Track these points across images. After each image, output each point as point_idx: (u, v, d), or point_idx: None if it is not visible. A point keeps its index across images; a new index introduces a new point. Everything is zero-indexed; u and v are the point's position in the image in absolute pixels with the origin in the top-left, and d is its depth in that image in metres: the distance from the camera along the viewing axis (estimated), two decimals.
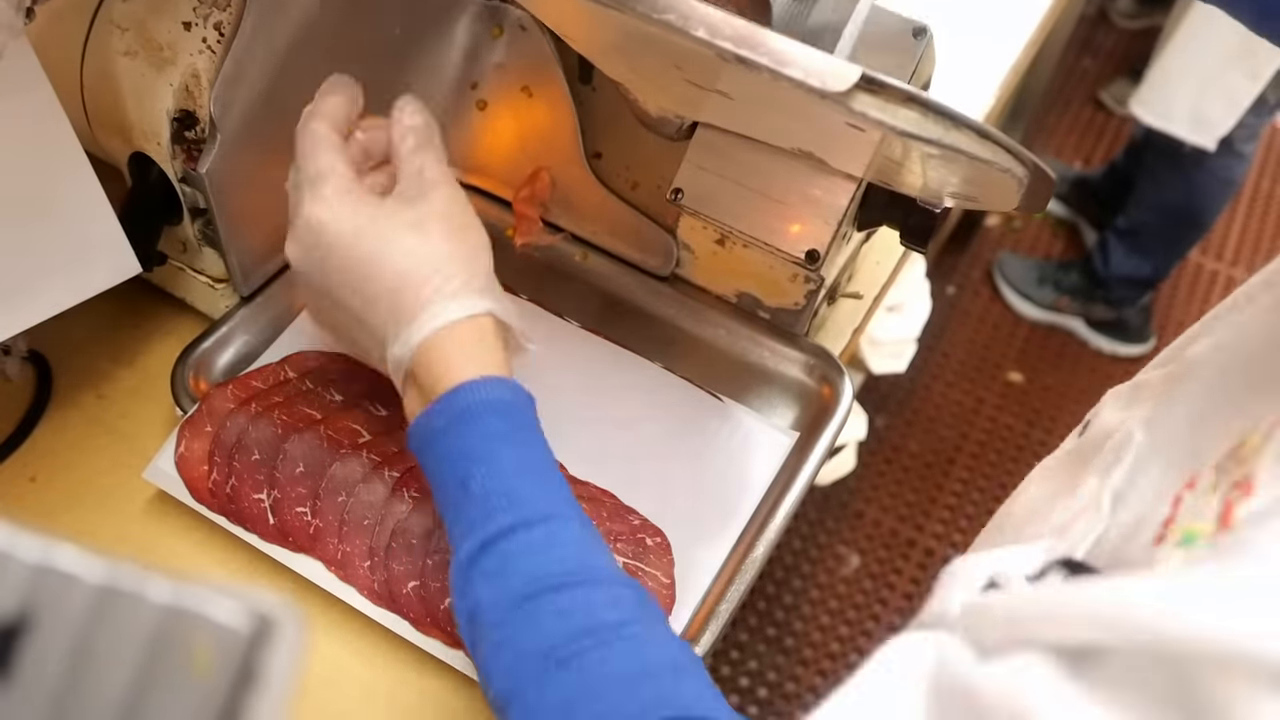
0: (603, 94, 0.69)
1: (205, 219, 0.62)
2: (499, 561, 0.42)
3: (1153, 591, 0.24)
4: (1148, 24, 2.54)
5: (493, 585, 0.42)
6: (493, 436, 0.45)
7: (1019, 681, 0.25)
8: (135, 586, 0.15)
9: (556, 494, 0.45)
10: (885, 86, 0.36)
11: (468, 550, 0.43)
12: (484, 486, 0.43)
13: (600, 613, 0.41)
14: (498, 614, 0.41)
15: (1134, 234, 1.87)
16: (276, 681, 0.15)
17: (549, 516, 0.43)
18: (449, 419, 0.45)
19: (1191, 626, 0.22)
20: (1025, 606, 0.27)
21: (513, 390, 0.46)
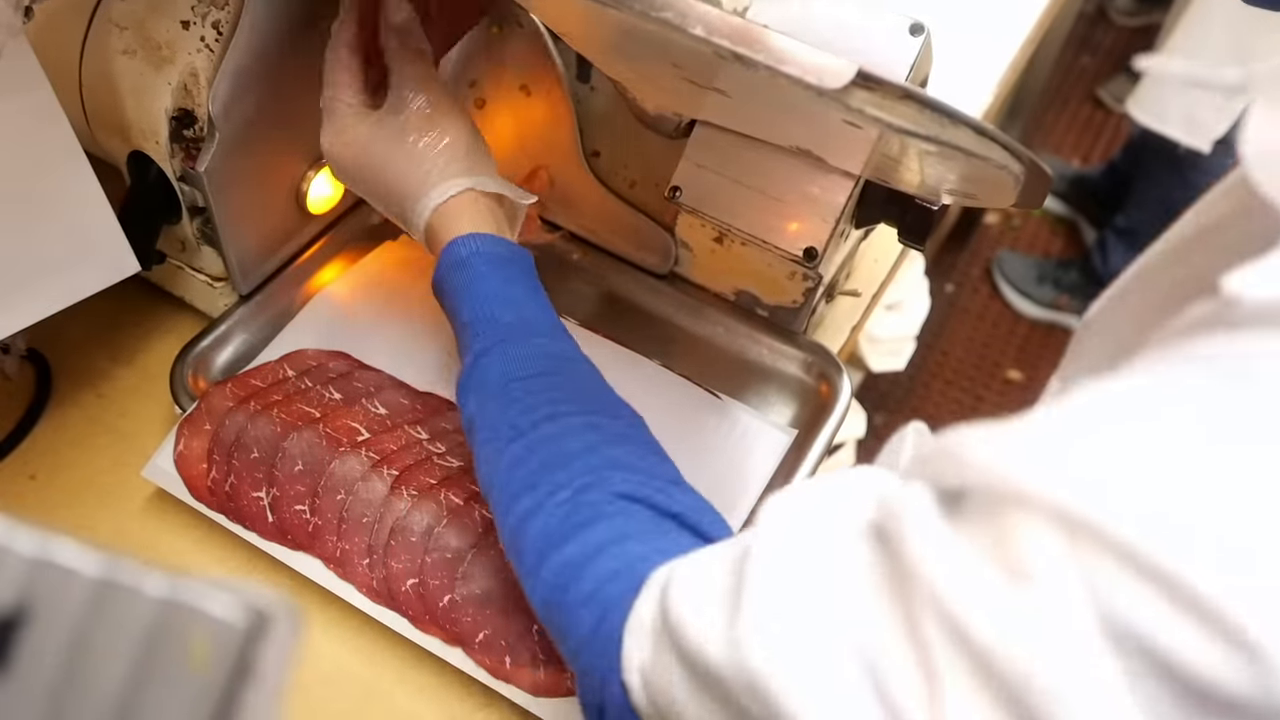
0: (601, 92, 0.69)
1: (204, 218, 0.62)
2: (481, 373, 0.50)
3: (983, 434, 0.28)
4: (1146, 21, 2.54)
5: (478, 393, 0.49)
6: (477, 276, 0.53)
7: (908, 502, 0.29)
8: (132, 581, 0.15)
9: (532, 317, 0.53)
10: (882, 83, 0.36)
11: (464, 370, 0.51)
12: (470, 315, 0.52)
13: (560, 404, 0.47)
14: (481, 414, 0.49)
15: (1133, 233, 1.87)
16: (272, 675, 0.15)
17: (525, 333, 0.51)
18: (442, 270, 0.54)
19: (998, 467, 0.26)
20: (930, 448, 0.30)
21: (493, 241, 0.54)
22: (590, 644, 0.40)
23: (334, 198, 0.71)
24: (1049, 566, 0.24)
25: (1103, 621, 0.23)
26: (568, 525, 0.43)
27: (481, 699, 0.55)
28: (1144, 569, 0.23)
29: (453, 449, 0.61)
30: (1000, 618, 0.25)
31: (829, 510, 0.33)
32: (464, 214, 0.55)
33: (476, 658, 0.54)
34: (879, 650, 0.28)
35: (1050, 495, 0.24)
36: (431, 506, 0.57)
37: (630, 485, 0.44)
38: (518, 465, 0.46)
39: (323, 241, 0.72)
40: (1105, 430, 0.25)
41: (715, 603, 0.34)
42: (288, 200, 0.67)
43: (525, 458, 0.46)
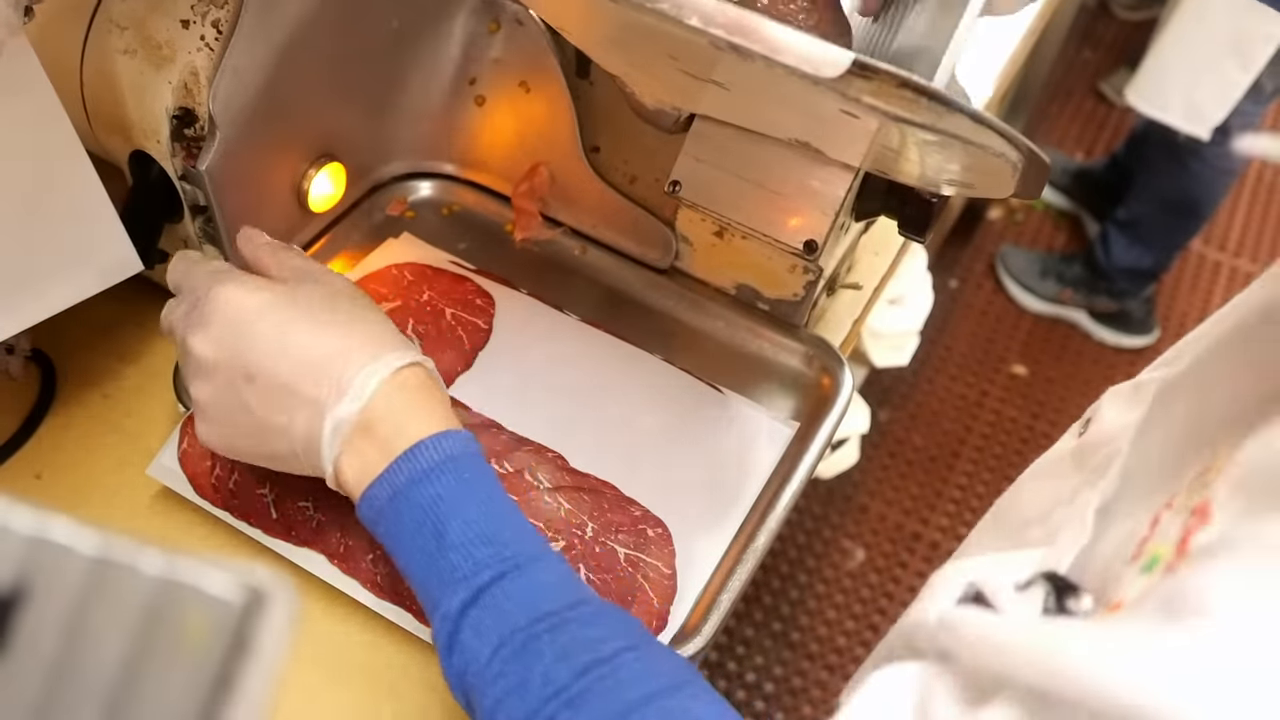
0: (600, 88, 0.69)
1: (206, 216, 0.63)
2: (493, 610, 0.41)
3: (1087, 643, 0.24)
4: (1148, 15, 2.54)
5: (486, 637, 0.41)
6: (463, 485, 0.44)
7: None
8: (129, 559, 0.16)
9: (531, 535, 0.45)
10: (878, 71, 0.36)
11: (459, 601, 0.42)
12: (463, 535, 0.43)
13: (600, 646, 0.40)
14: (497, 665, 0.40)
15: (1134, 225, 1.87)
16: (268, 651, 0.15)
17: (533, 558, 0.43)
18: (411, 476, 0.44)
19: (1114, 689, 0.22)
20: (990, 632, 0.27)
21: (465, 440, 0.46)
22: None
23: (335, 196, 0.71)
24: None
25: None
26: None
27: None
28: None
29: None
30: None
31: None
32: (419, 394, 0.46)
33: None
34: None
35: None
36: None
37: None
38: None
39: (324, 239, 0.72)
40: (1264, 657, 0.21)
41: None
42: (289, 198, 0.68)
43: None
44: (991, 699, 0.25)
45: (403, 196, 0.76)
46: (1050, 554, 0.33)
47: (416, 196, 0.77)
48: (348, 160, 0.70)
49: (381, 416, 0.44)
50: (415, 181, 0.77)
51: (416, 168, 0.77)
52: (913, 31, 0.53)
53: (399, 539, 0.44)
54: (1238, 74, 1.54)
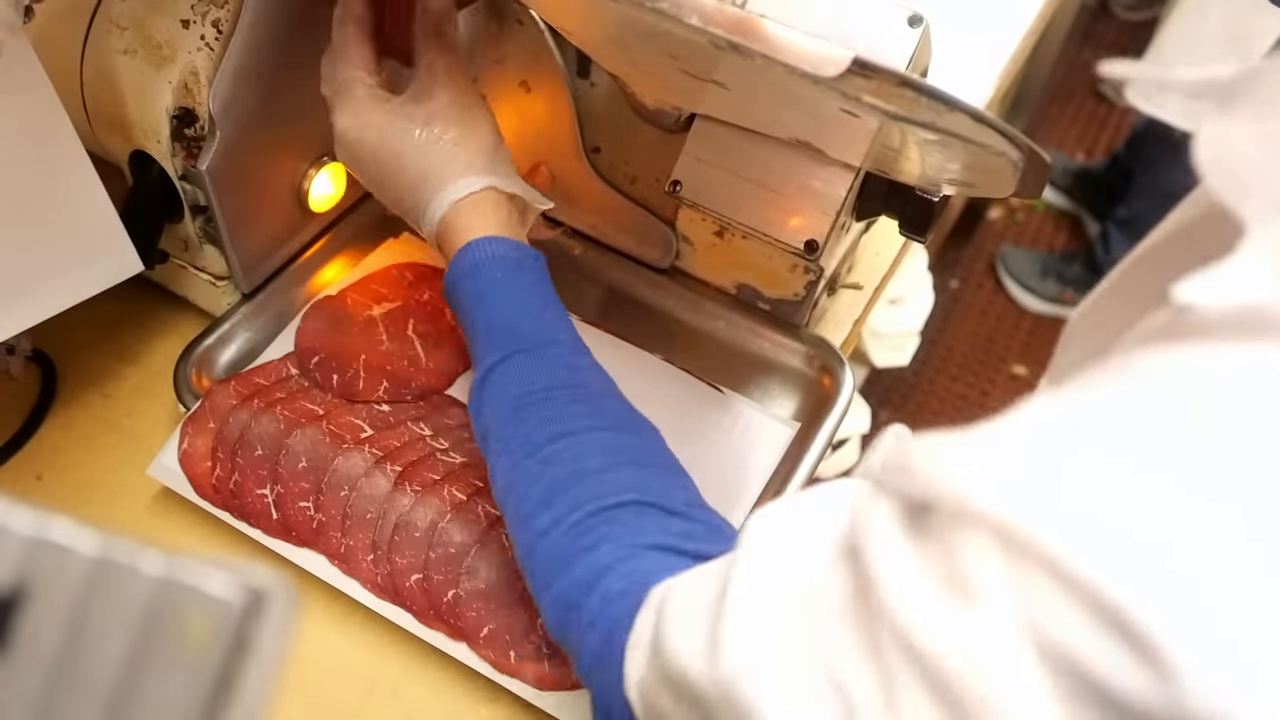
0: (600, 88, 0.69)
1: (206, 216, 0.63)
2: (497, 384, 0.49)
3: (937, 446, 0.27)
4: (1149, 15, 2.54)
5: (494, 403, 0.49)
6: (493, 283, 0.52)
7: (872, 518, 0.29)
8: (129, 559, 0.16)
9: (549, 326, 0.52)
10: (878, 70, 0.36)
11: (478, 377, 0.50)
12: (487, 322, 0.51)
13: (576, 421, 0.47)
14: (497, 427, 0.48)
15: (1135, 223, 1.87)
16: (269, 652, 0.15)
17: (545, 343, 0.50)
18: (457, 274, 0.53)
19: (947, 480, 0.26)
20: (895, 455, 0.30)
21: (510, 245, 0.53)
22: (598, 662, 0.40)
23: (335, 196, 0.71)
24: (989, 584, 0.24)
25: (1037, 642, 0.23)
26: (579, 545, 0.43)
27: (486, 693, 0.55)
28: (1070, 585, 0.23)
29: (456, 445, 0.61)
30: (947, 637, 0.25)
31: (809, 526, 0.33)
32: (481, 213, 0.54)
33: (481, 652, 0.54)
34: (846, 670, 0.28)
35: (991, 511, 0.24)
36: (435, 502, 0.57)
37: (643, 505, 0.43)
38: (532, 482, 0.45)
39: (325, 239, 0.72)
40: (1048, 448, 0.25)
41: (699, 620, 0.34)
42: (289, 198, 0.68)
43: (540, 474, 0.45)
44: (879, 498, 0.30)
45: None
46: None
47: None
48: None
49: (450, 229, 0.54)
50: None
51: None
52: None
53: (459, 317, 0.54)
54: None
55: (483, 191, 0.54)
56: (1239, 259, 0.24)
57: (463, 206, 0.53)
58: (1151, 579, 0.22)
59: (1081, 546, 0.23)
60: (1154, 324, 0.27)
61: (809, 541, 0.33)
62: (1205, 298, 0.24)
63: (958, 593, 0.25)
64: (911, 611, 0.26)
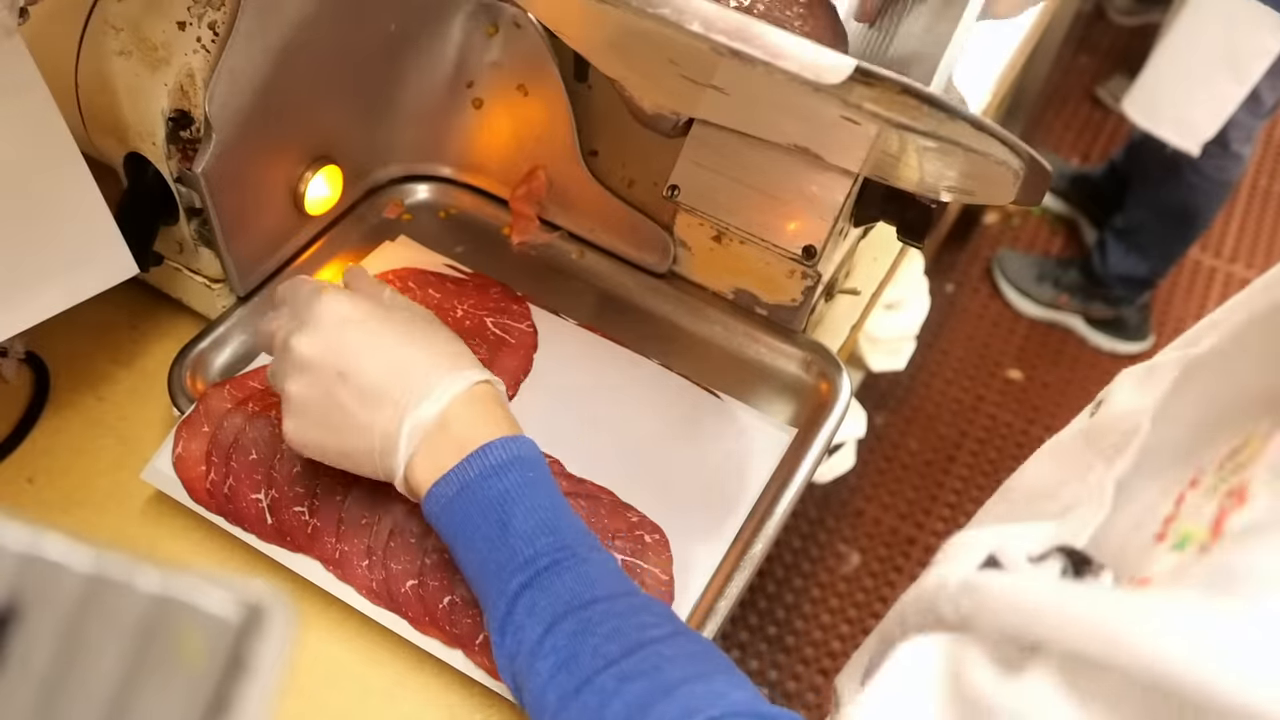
0: (599, 91, 0.69)
1: (201, 219, 0.62)
2: (548, 592, 0.44)
3: (1130, 609, 0.24)
4: (1145, 21, 2.55)
5: (539, 616, 0.44)
6: (528, 483, 0.48)
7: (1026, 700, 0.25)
8: (124, 576, 0.15)
9: (587, 533, 0.48)
10: (880, 78, 0.36)
11: (517, 584, 0.45)
12: (526, 524, 0.46)
13: (649, 630, 0.43)
14: (549, 641, 0.43)
15: (1131, 234, 1.87)
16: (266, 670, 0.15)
17: (591, 549, 0.47)
18: (483, 470, 0.47)
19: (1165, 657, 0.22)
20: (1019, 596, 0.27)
21: (532, 446, 0.50)
22: None
23: (331, 198, 0.71)
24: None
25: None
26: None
27: (482, 700, 0.55)
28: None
29: None
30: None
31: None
32: (491, 407, 0.50)
33: (476, 659, 0.53)
34: None
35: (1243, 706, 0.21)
36: None
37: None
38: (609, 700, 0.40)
39: (320, 242, 0.72)
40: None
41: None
42: (285, 201, 0.67)
43: (619, 690, 0.40)
44: (1028, 664, 0.25)
45: (399, 199, 0.76)
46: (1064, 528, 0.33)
47: (413, 199, 0.77)
48: (344, 163, 0.70)
49: (456, 420, 0.48)
50: (412, 184, 0.77)
51: (413, 170, 0.76)
52: (909, 37, 0.53)
53: (463, 529, 0.47)
54: (1232, 87, 1.54)
55: (486, 384, 0.51)
56: None
57: (473, 397, 0.49)
58: None
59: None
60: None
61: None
62: None
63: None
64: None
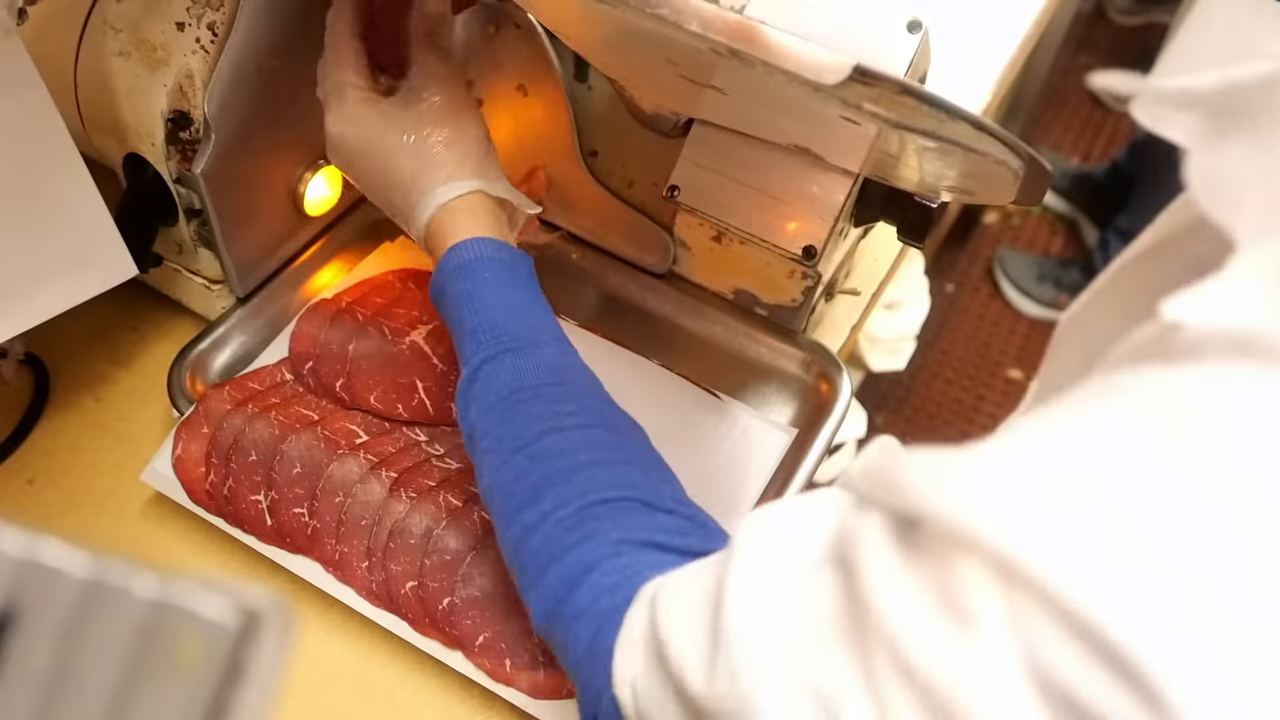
0: (598, 92, 0.69)
1: (201, 220, 0.62)
2: (485, 382, 0.49)
3: (930, 466, 0.27)
4: (1145, 20, 2.54)
5: (481, 401, 0.49)
6: (480, 283, 0.52)
7: (863, 534, 0.29)
8: (122, 581, 0.15)
9: (536, 326, 0.52)
10: (879, 78, 0.36)
11: (464, 378, 0.50)
12: (474, 323, 0.51)
13: (566, 418, 0.47)
14: (484, 424, 0.48)
15: (1134, 234, 1.85)
16: (264, 676, 0.15)
17: (531, 343, 0.50)
18: (445, 275, 0.53)
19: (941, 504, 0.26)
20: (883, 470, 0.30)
21: (497, 246, 0.53)
22: (586, 658, 0.40)
23: (331, 199, 0.70)
24: (987, 613, 0.24)
25: (1033, 672, 0.23)
26: (567, 540, 0.42)
27: (481, 701, 0.55)
28: (1069, 620, 0.23)
29: (451, 451, 0.61)
30: (944, 663, 0.25)
31: (799, 534, 0.33)
32: (468, 215, 0.54)
33: (476, 660, 0.53)
34: (839, 687, 0.28)
35: (988, 539, 0.24)
36: (430, 508, 0.56)
37: (631, 501, 0.43)
38: (521, 478, 0.45)
39: (320, 243, 0.71)
40: (1042, 473, 0.25)
41: (696, 628, 0.34)
42: (284, 202, 0.67)
43: (528, 470, 0.45)
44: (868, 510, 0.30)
45: None
46: None
47: None
48: None
49: (437, 231, 0.54)
50: None
51: None
52: None
53: (446, 319, 0.54)
54: None
55: (471, 194, 0.54)
56: (1229, 279, 0.24)
57: (450, 209, 0.54)
58: (1151, 616, 0.22)
59: (1081, 582, 0.23)
60: (1143, 339, 0.27)
61: (799, 551, 0.33)
62: (1194, 318, 0.24)
63: (954, 617, 0.25)
64: (907, 633, 0.26)
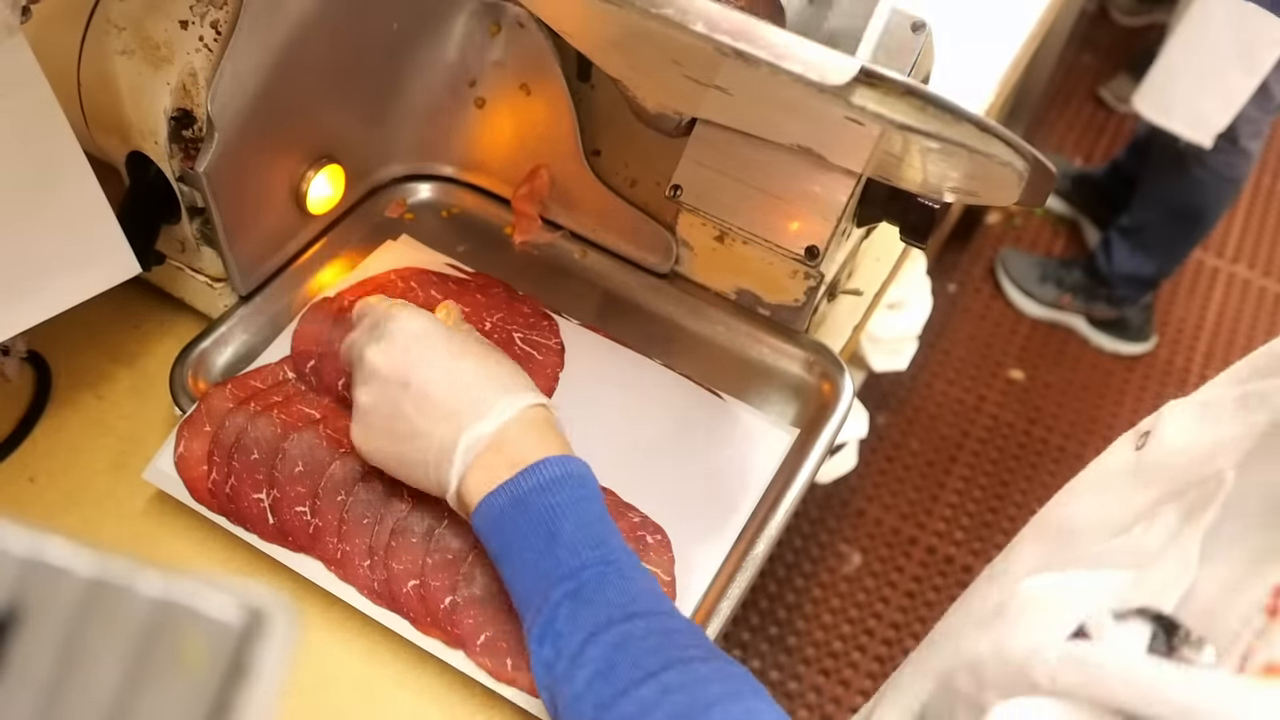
0: (601, 91, 0.69)
1: (203, 218, 0.62)
2: (589, 604, 0.45)
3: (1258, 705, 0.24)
4: (1148, 21, 2.54)
5: (580, 625, 0.44)
6: (578, 498, 0.49)
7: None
8: (125, 580, 0.15)
9: (630, 551, 0.49)
10: (884, 79, 0.36)
11: (561, 592, 0.46)
12: (574, 537, 0.47)
13: (687, 649, 0.43)
14: (589, 651, 0.44)
15: (1137, 232, 1.87)
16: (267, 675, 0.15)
17: (634, 566, 0.48)
18: (536, 485, 0.48)
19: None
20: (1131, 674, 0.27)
21: (583, 466, 0.51)
22: None
23: (334, 198, 0.70)
24: None
25: None
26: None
27: (483, 700, 0.55)
28: None
29: None
30: None
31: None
32: (547, 428, 0.51)
33: (478, 660, 0.53)
34: None
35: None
36: (432, 507, 0.56)
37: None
38: (649, 711, 0.41)
39: (322, 242, 0.71)
40: None
41: None
42: (287, 200, 0.67)
43: (659, 703, 0.41)
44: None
45: (402, 199, 0.76)
46: (1144, 585, 0.33)
47: (416, 199, 0.77)
48: (347, 162, 0.70)
49: (512, 439, 0.50)
50: (414, 184, 0.76)
51: (416, 170, 0.76)
52: (841, 13, 0.54)
53: (512, 541, 0.48)
54: (1242, 79, 1.54)
55: (542, 407, 0.52)
56: None
57: (528, 418, 0.51)
58: None
59: None
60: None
61: None
62: None
63: None
64: None
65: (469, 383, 0.52)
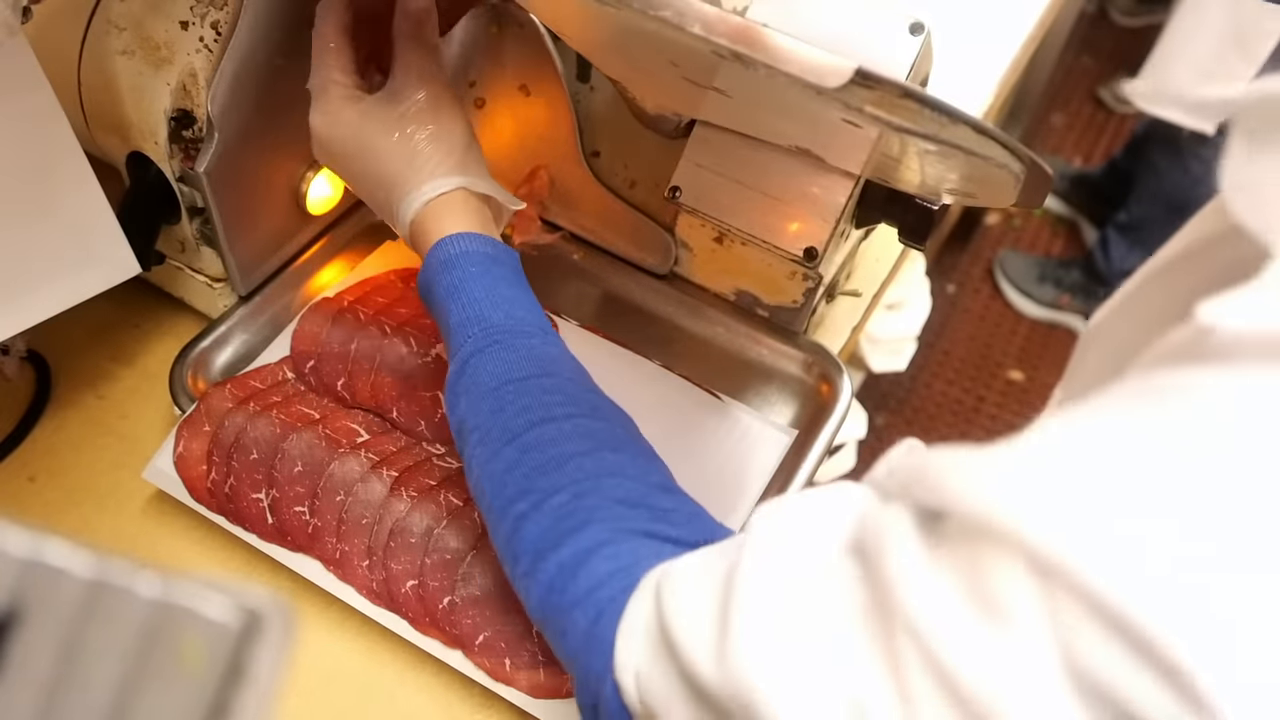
0: (601, 92, 0.69)
1: (203, 218, 0.62)
2: (473, 376, 0.49)
3: (963, 462, 0.28)
4: (1147, 22, 2.54)
5: (470, 395, 0.49)
6: (466, 277, 0.52)
7: (889, 526, 0.29)
8: (125, 581, 0.15)
9: (521, 319, 0.52)
10: (881, 81, 0.36)
11: (453, 371, 0.50)
12: (460, 317, 0.51)
13: (554, 408, 0.47)
14: (473, 417, 0.48)
15: (1135, 228, 1.87)
16: (266, 677, 0.15)
17: (517, 334, 0.51)
18: (431, 270, 0.53)
19: (975, 499, 0.26)
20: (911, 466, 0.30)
21: (482, 241, 0.53)
22: (585, 645, 0.40)
23: (333, 198, 0.71)
24: (1022, 608, 0.24)
25: (1070, 668, 0.23)
26: (562, 528, 0.42)
27: (481, 700, 0.55)
28: (1107, 616, 0.23)
29: (452, 450, 0.61)
30: (975, 656, 0.25)
31: (818, 525, 0.33)
32: (453, 212, 0.54)
33: (476, 659, 0.54)
34: (862, 679, 0.28)
35: (1025, 536, 0.24)
36: (431, 508, 0.57)
37: (624, 489, 0.44)
38: (512, 469, 0.45)
39: (322, 242, 0.72)
40: (1079, 470, 0.25)
41: (706, 615, 0.34)
42: (287, 201, 0.67)
43: (519, 461, 0.45)
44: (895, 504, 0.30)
45: None
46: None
47: None
48: None
49: (422, 229, 0.54)
50: None
51: None
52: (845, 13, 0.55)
53: (436, 323, 0.54)
54: (1241, 67, 1.54)
55: (455, 192, 0.54)
56: (1265, 285, 0.24)
57: (435, 206, 0.54)
58: (1194, 616, 0.22)
59: (1119, 578, 0.23)
60: (1175, 342, 0.27)
61: (818, 541, 0.33)
62: (1229, 322, 0.24)
63: (985, 610, 0.25)
64: (935, 624, 0.26)
65: (378, 182, 0.55)
